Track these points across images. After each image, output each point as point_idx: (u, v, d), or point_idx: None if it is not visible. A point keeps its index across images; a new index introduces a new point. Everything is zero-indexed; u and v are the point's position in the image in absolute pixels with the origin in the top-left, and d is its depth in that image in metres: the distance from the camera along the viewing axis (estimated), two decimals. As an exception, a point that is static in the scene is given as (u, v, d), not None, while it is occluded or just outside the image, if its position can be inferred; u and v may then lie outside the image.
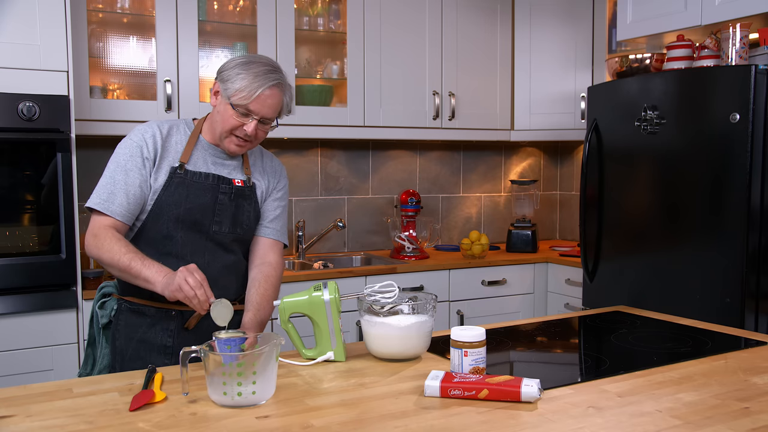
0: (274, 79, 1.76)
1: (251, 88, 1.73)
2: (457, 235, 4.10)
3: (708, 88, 2.58)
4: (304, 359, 1.62)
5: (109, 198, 1.75)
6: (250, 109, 1.76)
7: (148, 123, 1.85)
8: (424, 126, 3.57)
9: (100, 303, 1.93)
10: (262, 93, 1.74)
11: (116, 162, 1.78)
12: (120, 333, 1.85)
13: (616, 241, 3.00)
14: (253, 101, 1.75)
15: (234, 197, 1.86)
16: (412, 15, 3.51)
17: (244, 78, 1.74)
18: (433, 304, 1.63)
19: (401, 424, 1.22)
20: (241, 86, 1.74)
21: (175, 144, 1.84)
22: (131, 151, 1.78)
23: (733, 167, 2.48)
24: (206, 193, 1.82)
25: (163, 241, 1.81)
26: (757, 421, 1.23)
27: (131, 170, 1.77)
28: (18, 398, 1.35)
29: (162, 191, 1.79)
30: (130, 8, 3.02)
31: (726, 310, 2.50)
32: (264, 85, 1.74)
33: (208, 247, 1.84)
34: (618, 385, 1.44)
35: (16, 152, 2.47)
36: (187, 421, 1.23)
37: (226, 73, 1.78)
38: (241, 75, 1.74)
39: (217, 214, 1.84)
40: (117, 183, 1.75)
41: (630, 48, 3.45)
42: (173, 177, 1.80)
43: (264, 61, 1.79)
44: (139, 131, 1.82)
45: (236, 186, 1.86)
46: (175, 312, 1.82)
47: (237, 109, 1.76)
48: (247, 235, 1.92)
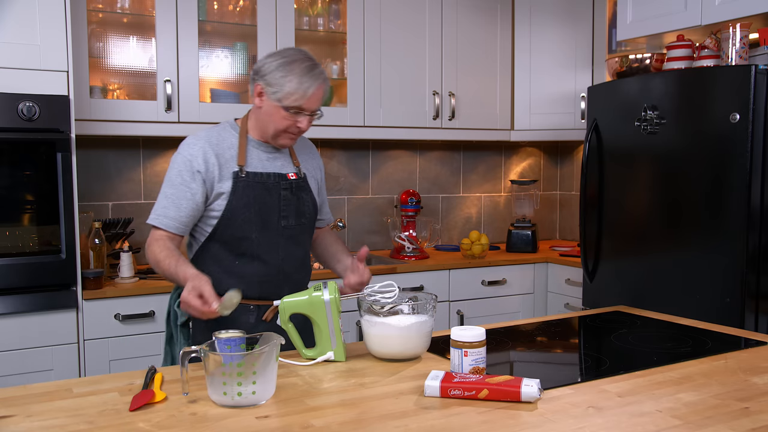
0: (319, 74, 1.84)
1: (302, 89, 1.81)
2: (457, 235, 4.10)
3: (708, 88, 2.58)
4: (304, 359, 1.62)
5: (163, 213, 1.85)
6: (302, 108, 1.84)
7: (195, 136, 1.91)
8: (424, 126, 3.57)
9: (177, 303, 1.96)
10: (314, 91, 1.83)
11: (168, 178, 1.87)
12: (200, 329, 1.90)
13: (616, 241, 3.00)
14: (306, 100, 1.83)
15: (294, 191, 1.95)
16: (412, 15, 3.51)
17: (291, 80, 1.81)
18: (433, 304, 1.63)
19: (401, 424, 1.22)
20: (291, 89, 1.81)
21: (229, 149, 1.90)
22: (180, 167, 1.86)
23: (733, 167, 2.48)
24: (271, 192, 1.91)
25: (238, 243, 1.89)
26: (757, 421, 1.23)
27: (180, 185, 1.84)
28: (18, 398, 1.35)
29: (231, 196, 1.86)
30: (130, 8, 3.02)
31: (726, 310, 2.50)
32: (314, 84, 1.82)
33: (280, 243, 1.93)
34: (618, 385, 1.44)
35: (16, 152, 2.46)
36: (187, 421, 1.23)
37: (269, 77, 1.83)
38: (287, 78, 1.81)
39: (282, 209, 1.92)
40: (168, 198, 1.85)
41: (630, 48, 3.45)
42: (238, 181, 1.87)
43: (301, 56, 1.85)
44: (188, 146, 1.88)
45: (292, 180, 1.95)
46: (253, 306, 1.91)
47: (290, 110, 1.83)
48: (310, 223, 2.02)
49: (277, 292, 1.85)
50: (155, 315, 2.70)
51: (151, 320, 2.70)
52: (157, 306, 2.71)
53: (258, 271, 1.91)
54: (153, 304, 2.70)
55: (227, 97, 3.17)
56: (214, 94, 3.17)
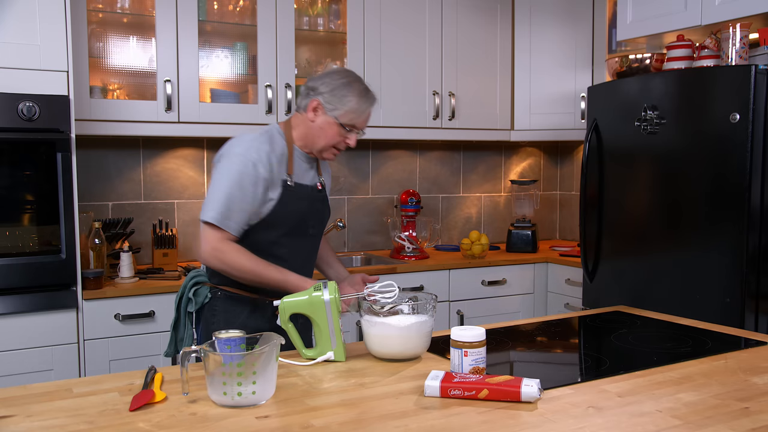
0: (373, 96, 2.01)
1: (361, 109, 1.96)
2: (457, 235, 4.10)
3: (708, 88, 2.58)
4: (304, 359, 1.62)
5: (226, 214, 1.84)
6: (357, 126, 1.98)
7: (254, 138, 1.92)
8: (424, 126, 3.57)
9: (193, 291, 2.01)
10: (369, 112, 1.99)
11: (231, 178, 1.85)
12: (218, 318, 1.96)
13: (616, 241, 3.00)
14: (361, 119, 1.98)
15: (320, 201, 2.08)
16: (412, 15, 3.51)
17: (351, 100, 1.94)
18: (433, 304, 1.63)
19: (401, 424, 1.22)
20: (351, 108, 1.94)
21: (280, 156, 1.95)
22: (247, 170, 1.86)
23: (733, 167, 2.48)
24: (309, 203, 2.02)
25: (270, 246, 1.94)
26: (757, 421, 1.23)
27: (247, 188, 1.85)
28: (18, 398, 1.35)
29: (278, 203, 1.92)
30: (130, 8, 3.02)
31: (726, 310, 2.50)
32: (371, 105, 1.99)
33: (305, 248, 2.05)
34: (618, 385, 1.44)
35: (16, 152, 2.46)
36: (187, 421, 1.23)
37: (329, 95, 1.94)
38: (347, 97, 1.94)
39: (311, 217, 2.04)
40: (233, 199, 1.84)
41: (630, 48, 3.45)
42: (286, 190, 1.94)
43: (358, 78, 2.00)
44: (252, 149, 1.88)
45: (319, 190, 2.07)
46: (269, 301, 1.94)
47: (345, 127, 1.96)
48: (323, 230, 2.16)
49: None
50: (155, 315, 2.70)
51: (151, 320, 2.70)
52: (157, 306, 2.71)
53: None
54: (153, 304, 2.70)
55: (227, 97, 3.17)
56: (214, 94, 3.17)
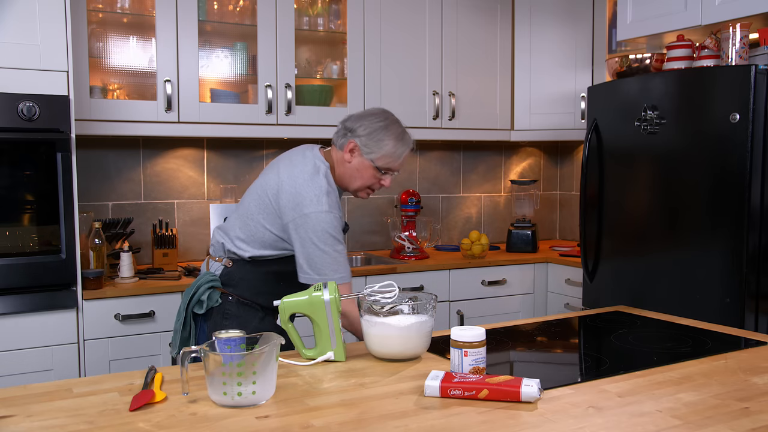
0: (410, 139, 2.05)
1: (397, 153, 2.02)
2: (457, 235, 4.10)
3: (708, 88, 2.58)
4: (304, 359, 1.62)
5: (347, 272, 1.98)
6: (392, 169, 2.05)
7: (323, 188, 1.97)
8: (424, 126, 3.57)
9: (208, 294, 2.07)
10: (405, 156, 2.04)
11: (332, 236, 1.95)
12: (230, 322, 2.03)
13: (616, 241, 3.00)
14: (398, 164, 2.05)
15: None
16: (412, 15, 3.51)
17: (388, 144, 2.00)
18: (433, 304, 1.63)
19: (401, 424, 1.22)
20: (387, 152, 2.00)
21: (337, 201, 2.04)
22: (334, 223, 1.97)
23: (733, 167, 2.48)
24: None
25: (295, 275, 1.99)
26: (757, 421, 1.23)
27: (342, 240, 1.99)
28: (18, 398, 1.35)
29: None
30: (130, 8, 3.02)
31: (726, 310, 2.50)
32: (407, 149, 2.04)
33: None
34: (618, 385, 1.44)
35: (16, 152, 2.46)
36: (187, 421, 1.23)
37: (367, 139, 2.01)
38: (384, 141, 2.00)
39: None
40: (342, 254, 1.97)
41: (630, 48, 3.45)
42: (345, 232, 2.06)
43: (396, 120, 2.05)
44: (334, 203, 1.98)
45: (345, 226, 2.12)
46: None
47: (381, 170, 2.03)
48: None
49: None
50: (155, 315, 2.70)
51: (151, 320, 2.70)
52: (157, 306, 2.71)
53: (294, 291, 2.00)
54: (153, 304, 2.70)
55: (227, 97, 3.17)
56: (214, 94, 3.17)
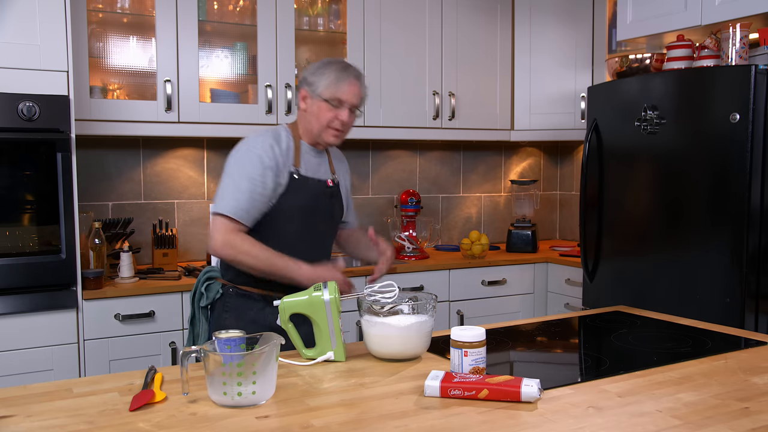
0: (354, 71, 2.04)
1: (340, 79, 1.99)
2: (457, 235, 4.10)
3: (708, 88, 2.58)
4: (304, 359, 1.62)
5: (237, 206, 1.91)
6: (341, 99, 2.00)
7: (260, 134, 2.01)
8: (424, 126, 3.57)
9: (205, 286, 2.07)
10: (348, 83, 2.00)
11: (240, 172, 1.93)
12: (229, 314, 2.02)
13: (616, 241, 3.00)
14: (342, 91, 1.99)
15: (331, 196, 2.11)
16: (412, 15, 3.51)
17: (329, 75, 2.00)
18: (433, 304, 1.63)
19: (401, 424, 1.22)
20: (329, 82, 1.99)
21: (287, 150, 2.02)
22: (253, 161, 1.94)
23: (733, 167, 2.48)
24: (315, 196, 2.05)
25: (276, 238, 1.97)
26: (757, 421, 1.23)
27: (255, 178, 1.92)
28: (18, 398, 1.35)
29: (283, 195, 1.98)
30: (130, 8, 3.02)
31: (726, 310, 2.50)
32: (348, 76, 2.01)
33: (313, 243, 2.07)
34: (618, 385, 1.44)
35: (16, 152, 2.46)
36: (187, 421, 1.23)
37: (310, 78, 2.03)
38: (325, 74, 2.00)
39: (321, 212, 2.08)
40: (243, 192, 1.91)
41: (630, 48, 3.45)
42: (292, 181, 1.99)
43: (339, 60, 2.08)
44: (259, 142, 1.97)
45: (330, 187, 2.11)
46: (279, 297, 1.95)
47: (330, 101, 1.99)
48: (335, 227, 2.21)
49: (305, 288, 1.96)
50: (155, 315, 2.70)
51: (151, 320, 2.70)
52: (157, 306, 2.71)
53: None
54: (153, 304, 2.70)
55: (227, 97, 3.17)
56: (214, 94, 3.17)
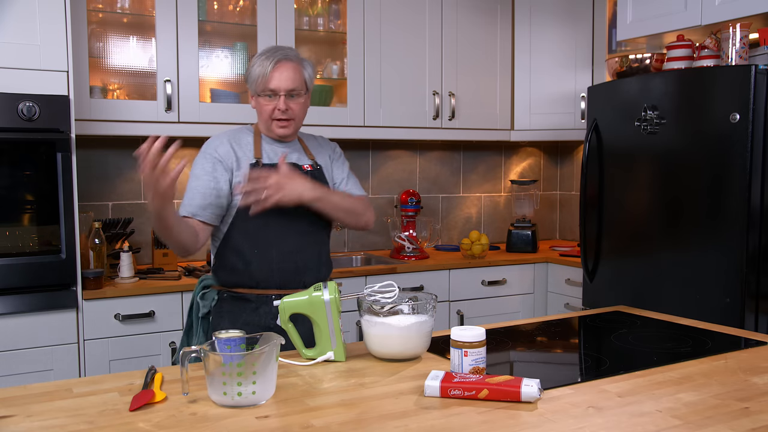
0: (278, 55, 1.95)
1: (262, 70, 1.94)
2: (457, 235, 4.10)
3: (708, 88, 2.58)
4: (304, 359, 1.62)
5: (187, 203, 1.94)
6: (272, 89, 1.95)
7: (215, 135, 2.05)
8: (424, 126, 3.57)
9: (201, 294, 2.06)
10: (274, 69, 1.94)
11: (194, 172, 1.98)
12: (223, 318, 1.99)
13: (616, 241, 3.00)
14: (270, 81, 1.94)
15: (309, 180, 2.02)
16: (412, 15, 3.51)
17: (254, 69, 1.96)
18: (433, 304, 1.63)
19: (401, 424, 1.22)
20: (256, 74, 1.95)
21: (247, 144, 2.02)
22: (201, 161, 1.98)
23: (733, 167, 2.48)
24: None
25: (256, 232, 1.97)
26: (757, 421, 1.23)
27: (203, 176, 1.95)
28: (18, 398, 1.35)
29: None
30: (130, 8, 3.02)
31: (726, 310, 2.50)
32: (270, 64, 1.94)
33: (297, 231, 2.00)
34: (618, 385, 1.44)
35: (16, 152, 2.46)
36: (187, 421, 1.23)
37: (246, 74, 2.02)
38: (252, 69, 1.97)
39: None
40: (196, 189, 1.94)
41: (630, 48, 3.45)
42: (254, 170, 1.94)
43: (268, 48, 2.00)
44: (210, 142, 2.02)
45: (307, 170, 2.04)
46: (275, 296, 1.93)
47: (263, 95, 1.96)
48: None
49: (298, 278, 1.99)
50: (155, 315, 2.70)
51: (151, 320, 2.70)
52: (157, 306, 2.71)
53: (277, 258, 1.98)
54: (153, 304, 2.70)
55: (227, 97, 3.17)
56: (214, 94, 3.17)
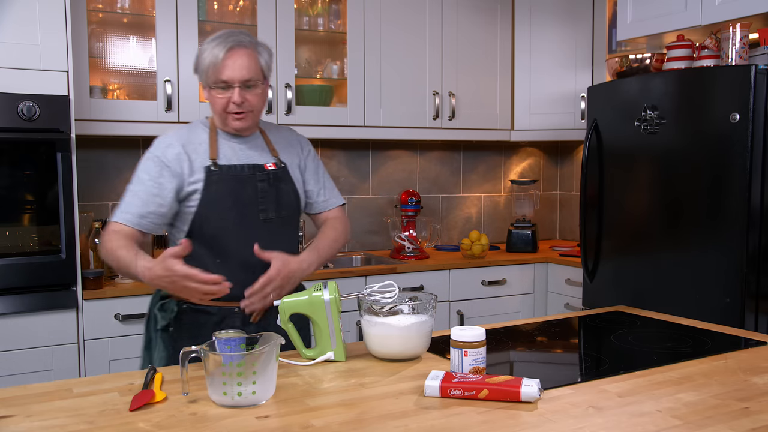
0: (231, 41, 1.75)
1: (215, 60, 1.74)
2: (457, 235, 4.10)
3: (708, 88, 2.58)
4: (304, 359, 1.62)
5: (125, 209, 1.77)
6: (224, 80, 1.75)
7: (164, 134, 1.87)
8: (424, 126, 3.57)
9: (159, 305, 1.87)
10: (224, 60, 1.73)
11: (135, 176, 1.82)
12: (183, 334, 1.81)
13: (616, 241, 3.00)
14: (223, 71, 1.74)
15: (273, 182, 1.87)
16: (412, 15, 3.51)
17: (205, 58, 1.76)
18: (433, 304, 1.63)
19: (401, 424, 1.22)
20: (206, 64, 1.75)
21: (200, 144, 1.84)
22: (147, 164, 1.81)
23: (733, 167, 2.48)
24: (246, 184, 1.83)
25: (216, 240, 1.81)
26: (757, 421, 1.23)
27: (147, 181, 1.78)
28: (18, 398, 1.35)
29: (204, 191, 1.80)
30: (130, 8, 3.02)
31: (726, 310, 2.50)
32: (222, 52, 1.73)
33: (261, 238, 1.81)
34: (618, 385, 1.44)
35: (16, 152, 2.46)
36: (187, 421, 1.23)
37: (195, 64, 1.82)
38: (202, 56, 1.77)
39: (260, 202, 1.85)
40: (135, 195, 1.78)
41: (630, 48, 3.45)
42: (210, 175, 1.80)
43: (219, 34, 1.78)
44: (156, 144, 1.85)
45: (270, 170, 1.88)
46: (238, 309, 1.82)
47: (215, 87, 1.77)
48: (292, 215, 1.95)
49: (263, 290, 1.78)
50: (155, 315, 2.70)
51: (151, 320, 2.70)
52: (157, 306, 2.71)
53: (240, 270, 1.79)
54: (153, 304, 2.70)
55: (227, 97, 3.17)
56: (214, 94, 3.17)
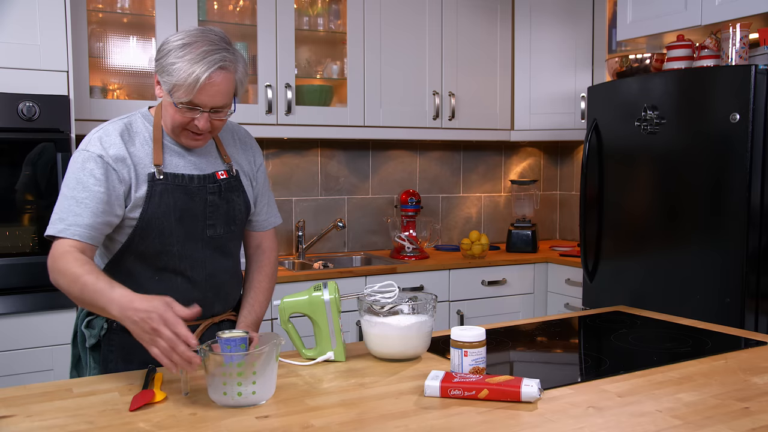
0: (216, 61, 1.47)
1: (190, 79, 1.45)
2: (457, 235, 4.10)
3: (708, 88, 2.58)
4: (304, 359, 1.62)
5: (73, 221, 1.50)
6: (195, 104, 1.50)
7: (101, 129, 1.58)
8: (424, 126, 3.57)
9: (86, 322, 1.67)
10: (203, 83, 1.46)
11: (76, 179, 1.52)
12: (114, 356, 1.62)
13: (616, 241, 3.00)
14: (196, 95, 1.48)
15: (224, 193, 1.65)
16: (412, 15, 3.51)
17: (181, 68, 1.46)
18: (433, 304, 1.63)
19: (401, 424, 1.22)
20: (179, 80, 1.46)
21: (141, 145, 1.58)
22: (87, 165, 1.52)
23: (733, 167, 2.48)
24: (195, 197, 1.61)
25: (156, 257, 1.60)
26: (757, 421, 1.23)
27: (91, 185, 1.51)
28: (18, 398, 1.35)
29: (146, 203, 1.56)
30: (130, 8, 3.02)
31: (726, 310, 2.50)
32: (203, 74, 1.45)
33: (206, 255, 1.65)
34: (618, 385, 1.44)
35: (16, 152, 2.46)
36: (187, 421, 1.23)
37: (163, 61, 1.50)
38: (177, 65, 1.46)
39: (209, 216, 1.63)
40: (80, 202, 1.51)
41: (630, 48, 3.45)
42: (154, 185, 1.55)
43: (203, 38, 1.49)
44: (94, 139, 1.56)
45: (222, 180, 1.65)
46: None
47: (180, 106, 1.50)
48: (240, 230, 1.75)
49: (207, 311, 1.65)
50: (155, 315, 2.70)
51: (151, 320, 2.69)
52: (157, 306, 2.70)
53: (182, 288, 1.62)
54: (153, 304, 2.70)
55: (227, 97, 3.17)
56: (214, 94, 3.17)
